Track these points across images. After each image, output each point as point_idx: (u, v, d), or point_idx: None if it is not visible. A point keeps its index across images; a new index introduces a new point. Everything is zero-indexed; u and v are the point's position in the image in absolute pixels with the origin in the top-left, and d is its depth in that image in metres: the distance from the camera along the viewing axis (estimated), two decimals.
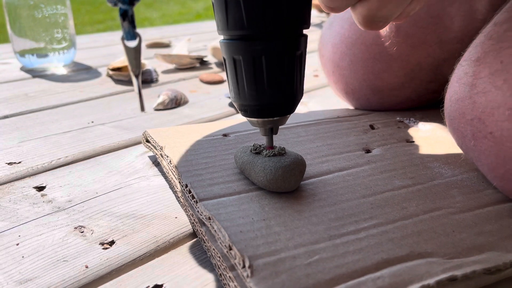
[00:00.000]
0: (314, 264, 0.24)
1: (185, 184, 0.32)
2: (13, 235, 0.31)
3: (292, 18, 0.27)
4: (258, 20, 0.27)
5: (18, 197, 0.36)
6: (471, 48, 0.32)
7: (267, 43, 0.27)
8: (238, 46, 0.28)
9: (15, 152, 0.44)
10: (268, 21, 0.27)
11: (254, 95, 0.29)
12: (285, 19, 0.27)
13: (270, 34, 0.27)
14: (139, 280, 0.27)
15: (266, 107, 0.29)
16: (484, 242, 0.26)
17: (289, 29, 0.28)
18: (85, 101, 0.61)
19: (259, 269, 0.23)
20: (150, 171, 0.41)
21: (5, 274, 0.28)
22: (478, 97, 0.29)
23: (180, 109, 0.58)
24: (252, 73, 0.28)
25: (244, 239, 0.26)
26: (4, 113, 0.55)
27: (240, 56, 0.28)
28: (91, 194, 0.37)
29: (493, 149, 0.28)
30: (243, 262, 0.24)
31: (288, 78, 0.29)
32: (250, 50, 0.27)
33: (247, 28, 0.27)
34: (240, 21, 0.27)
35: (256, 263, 0.24)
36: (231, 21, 0.27)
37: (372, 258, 0.24)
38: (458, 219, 0.28)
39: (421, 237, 0.26)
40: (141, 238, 0.31)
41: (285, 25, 0.27)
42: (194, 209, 0.31)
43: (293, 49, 0.28)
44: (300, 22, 0.28)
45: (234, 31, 0.28)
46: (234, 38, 0.28)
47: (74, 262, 0.29)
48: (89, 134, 0.49)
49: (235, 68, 0.29)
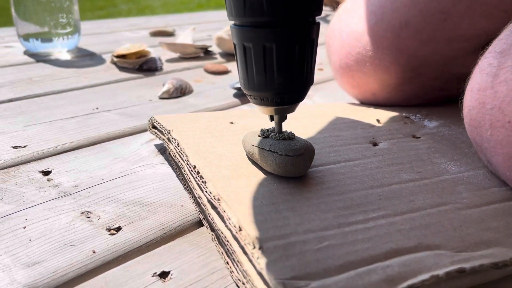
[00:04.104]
0: (324, 250, 0.24)
1: (193, 165, 0.32)
2: (20, 218, 0.31)
3: (305, 4, 0.27)
4: (275, 6, 0.26)
5: (24, 181, 0.36)
6: (496, 41, 0.32)
7: (279, 30, 0.27)
8: (250, 33, 0.28)
9: (20, 136, 0.44)
10: (282, 8, 0.26)
11: (263, 82, 0.29)
12: (298, 5, 0.27)
13: (282, 21, 0.27)
14: (146, 267, 0.27)
15: (276, 95, 0.29)
16: (491, 238, 0.26)
17: (302, 16, 0.28)
18: (90, 87, 0.60)
19: (269, 251, 0.24)
20: (155, 159, 0.41)
21: (13, 256, 0.28)
22: (500, 86, 0.29)
23: (185, 99, 0.58)
24: (262, 61, 0.28)
25: (253, 221, 0.26)
26: (8, 96, 0.55)
27: (250, 44, 0.28)
28: (97, 180, 0.37)
29: (510, 139, 0.29)
30: (253, 243, 0.24)
31: (299, 66, 0.29)
32: (261, 37, 0.27)
33: (265, 14, 0.27)
34: (259, 7, 0.27)
35: (266, 245, 0.24)
36: (248, 7, 0.27)
37: (381, 247, 0.24)
38: (465, 214, 0.28)
39: (429, 230, 0.26)
40: (148, 225, 0.31)
41: (298, 12, 0.27)
42: (202, 190, 0.31)
43: (304, 37, 0.28)
44: (312, 8, 0.28)
45: (249, 18, 0.27)
46: (246, 24, 0.28)
47: (81, 247, 0.29)
48: (94, 120, 0.49)
49: (245, 54, 0.29)
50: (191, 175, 0.32)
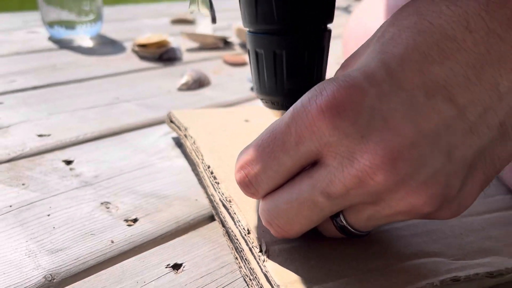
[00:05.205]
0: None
1: (207, 165, 0.34)
2: (44, 206, 0.34)
3: (315, 13, 0.28)
4: (284, 15, 0.27)
5: (48, 169, 0.38)
6: None
7: (289, 37, 0.28)
8: (261, 40, 0.29)
9: (45, 124, 0.46)
10: (293, 16, 0.28)
11: (274, 87, 0.30)
12: (308, 14, 0.28)
13: (293, 29, 0.28)
14: (160, 258, 0.29)
15: (286, 99, 0.30)
16: (490, 246, 0.27)
17: (312, 24, 0.29)
18: (111, 76, 0.62)
19: (275, 255, 0.25)
20: (173, 151, 0.42)
21: (38, 243, 0.30)
22: None
23: (203, 91, 0.59)
24: (272, 66, 0.29)
25: (262, 224, 0.27)
26: (33, 83, 0.57)
27: (262, 50, 0.29)
28: (116, 171, 0.39)
29: None
30: (260, 246, 0.26)
31: (308, 72, 0.30)
32: (271, 44, 0.29)
33: (276, 22, 0.28)
34: (270, 16, 0.28)
35: (272, 248, 0.25)
36: (260, 15, 0.28)
37: (382, 254, 0.26)
38: (466, 222, 0.29)
39: (430, 237, 0.27)
40: (163, 218, 0.33)
41: (308, 20, 0.28)
42: (215, 190, 0.32)
43: (314, 44, 0.29)
44: (323, 16, 0.29)
45: (261, 25, 0.29)
46: (259, 32, 0.29)
47: (100, 236, 0.31)
48: (114, 110, 0.51)
49: (257, 60, 0.30)
50: (205, 174, 0.34)
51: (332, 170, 0.22)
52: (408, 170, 0.21)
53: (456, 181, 0.22)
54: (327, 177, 0.22)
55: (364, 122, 0.21)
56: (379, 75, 0.21)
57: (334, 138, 0.21)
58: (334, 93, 0.21)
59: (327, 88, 0.22)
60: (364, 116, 0.21)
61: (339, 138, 0.21)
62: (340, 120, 0.21)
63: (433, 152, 0.21)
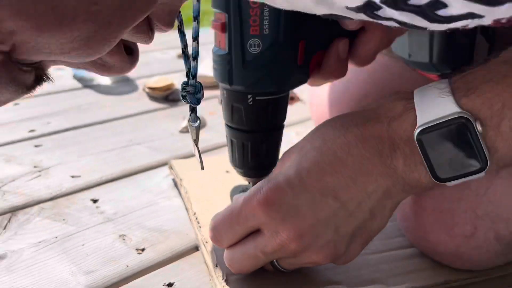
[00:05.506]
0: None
1: (194, 212, 0.48)
2: (79, 238, 0.48)
3: (272, 120, 0.42)
4: (251, 121, 0.41)
5: (80, 207, 0.53)
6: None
7: (253, 135, 0.42)
8: (235, 134, 0.43)
9: (76, 166, 0.61)
10: (256, 122, 0.42)
11: (242, 163, 0.44)
12: (267, 121, 0.42)
13: (256, 130, 0.42)
14: (160, 279, 0.43)
15: (249, 172, 0.44)
16: (377, 277, 0.41)
17: (270, 127, 0.43)
18: (125, 118, 0.76)
19: (233, 281, 0.39)
20: (172, 192, 0.56)
21: (77, 266, 0.44)
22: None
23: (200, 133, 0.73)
24: (241, 151, 0.43)
25: None
26: (65, 125, 0.72)
27: (235, 140, 0.43)
28: (130, 209, 0.53)
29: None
30: (222, 275, 0.40)
31: (265, 155, 0.43)
32: (241, 138, 0.43)
33: (244, 125, 0.42)
34: (240, 120, 0.42)
35: (231, 278, 0.39)
36: (234, 118, 0.42)
37: (299, 282, 0.39)
38: (366, 258, 0.43)
39: (337, 270, 0.41)
40: (162, 248, 0.47)
41: (266, 125, 0.42)
42: (199, 231, 0.46)
43: (270, 139, 0.43)
44: (276, 122, 0.43)
45: (234, 124, 0.43)
46: (233, 127, 0.43)
47: (119, 261, 0.45)
48: (128, 153, 0.65)
49: (231, 145, 0.44)
50: (192, 218, 0.48)
51: (266, 238, 0.36)
52: (310, 241, 0.35)
53: (342, 246, 0.36)
54: (263, 242, 0.36)
55: (284, 211, 0.35)
56: (295, 181, 0.35)
57: (267, 220, 0.35)
58: (267, 192, 0.35)
59: (264, 187, 0.36)
60: (284, 207, 0.35)
61: (269, 220, 0.35)
62: (269, 210, 0.35)
63: (325, 230, 0.35)
